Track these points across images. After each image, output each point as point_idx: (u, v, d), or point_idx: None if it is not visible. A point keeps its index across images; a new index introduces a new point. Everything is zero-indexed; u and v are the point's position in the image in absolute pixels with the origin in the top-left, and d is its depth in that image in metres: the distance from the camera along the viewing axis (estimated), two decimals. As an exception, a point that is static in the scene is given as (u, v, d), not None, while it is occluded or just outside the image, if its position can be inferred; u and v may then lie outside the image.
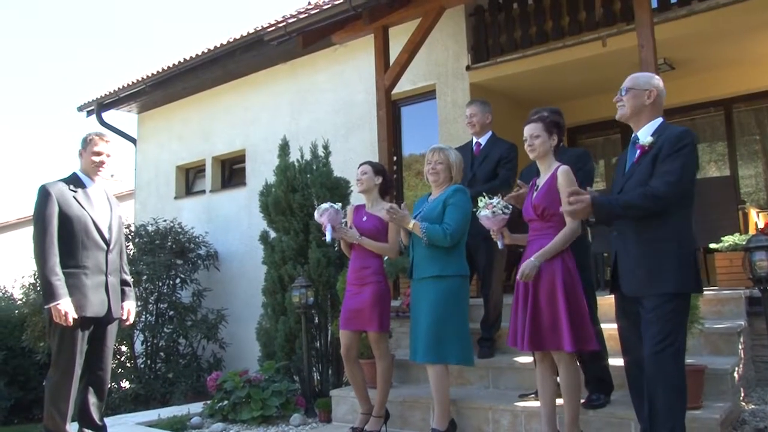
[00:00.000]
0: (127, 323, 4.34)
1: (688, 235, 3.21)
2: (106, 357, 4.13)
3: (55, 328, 3.85)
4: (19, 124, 58.15)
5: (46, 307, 3.79)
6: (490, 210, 3.86)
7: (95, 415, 4.11)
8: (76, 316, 3.84)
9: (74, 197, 4.01)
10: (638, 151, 3.29)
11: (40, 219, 3.90)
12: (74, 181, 4.11)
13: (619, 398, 4.09)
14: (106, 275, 4.06)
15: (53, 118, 59.38)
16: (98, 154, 4.14)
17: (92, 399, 4.08)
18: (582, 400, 3.88)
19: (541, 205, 3.73)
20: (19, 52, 62.56)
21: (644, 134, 3.29)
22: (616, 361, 4.11)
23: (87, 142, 4.18)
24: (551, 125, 3.85)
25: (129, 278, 4.39)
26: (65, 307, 3.77)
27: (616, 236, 3.36)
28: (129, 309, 4.29)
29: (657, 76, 3.47)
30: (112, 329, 4.17)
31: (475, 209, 3.94)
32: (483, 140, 5.37)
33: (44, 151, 55.79)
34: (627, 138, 8.23)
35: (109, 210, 4.20)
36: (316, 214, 4.76)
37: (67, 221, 3.93)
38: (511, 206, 3.94)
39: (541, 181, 3.82)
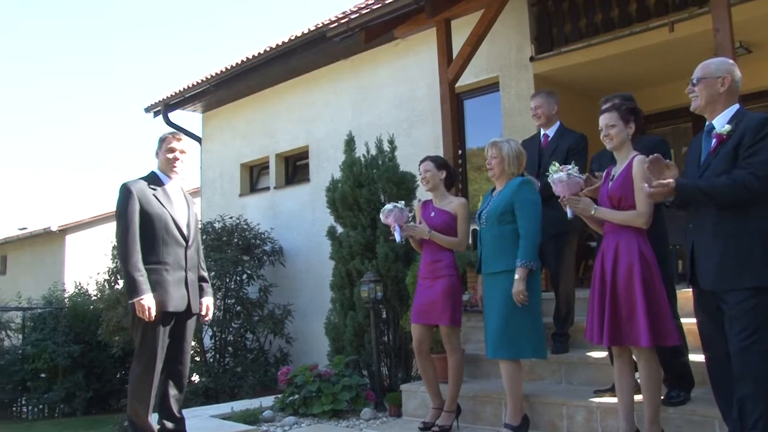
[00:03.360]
0: (206, 318, 4.42)
1: None
2: (186, 351, 4.21)
3: (138, 323, 3.94)
4: (90, 126, 60.35)
5: (129, 302, 3.89)
6: (565, 172, 3.68)
7: (174, 408, 4.20)
8: (155, 312, 3.92)
9: (154, 195, 4.10)
10: (714, 141, 3.16)
11: (122, 217, 4.00)
12: (153, 179, 4.20)
13: (700, 395, 3.96)
14: (186, 271, 4.14)
15: (121, 120, 61.41)
16: (172, 150, 4.24)
17: (172, 391, 4.17)
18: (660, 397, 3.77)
19: (617, 194, 3.64)
20: (98, 56, 64.86)
21: (720, 122, 3.16)
22: (696, 357, 3.99)
23: (162, 141, 4.30)
24: (627, 113, 3.73)
25: (206, 274, 4.46)
26: (148, 302, 3.86)
27: (692, 228, 3.24)
28: (207, 305, 4.37)
29: (730, 61, 3.31)
30: (191, 324, 4.25)
31: (547, 174, 3.80)
32: (551, 132, 5.27)
33: (114, 151, 57.81)
34: (698, 126, 7.94)
35: (187, 207, 4.29)
36: (381, 217, 4.77)
37: (147, 219, 4.02)
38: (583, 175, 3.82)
39: (617, 170, 3.72)
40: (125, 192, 4.05)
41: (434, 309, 4.56)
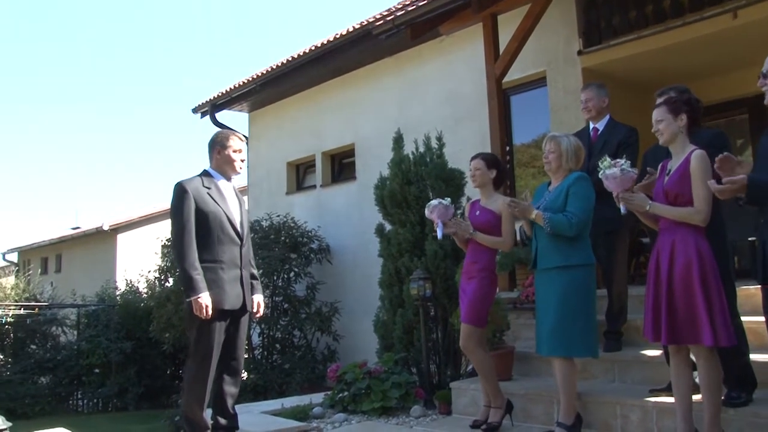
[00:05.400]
0: (258, 315, 4.44)
1: None
2: (240, 348, 4.26)
3: (194, 321, 3.96)
4: (138, 126, 61.80)
5: (186, 300, 3.93)
6: (618, 168, 3.59)
7: (229, 404, 4.24)
8: (211, 310, 3.95)
9: (208, 193, 4.12)
10: None
11: (178, 216, 4.02)
12: (207, 177, 4.23)
13: (763, 397, 3.83)
14: (241, 269, 4.18)
15: (168, 119, 62.73)
16: (239, 151, 4.29)
17: (227, 388, 4.21)
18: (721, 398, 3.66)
19: (673, 190, 3.53)
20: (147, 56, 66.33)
21: None
22: (758, 357, 3.88)
23: (224, 140, 4.27)
24: (678, 105, 3.61)
25: (256, 272, 4.48)
26: (205, 300, 3.89)
27: (765, 224, 3.14)
28: (258, 302, 4.40)
29: None
30: (245, 321, 4.29)
31: (599, 169, 3.72)
32: (600, 125, 5.17)
33: (162, 151, 59.06)
34: (755, 119, 7.72)
35: (239, 205, 4.32)
36: (426, 211, 4.78)
37: (203, 217, 4.04)
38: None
39: (674, 165, 3.62)
40: (180, 191, 4.07)
41: (463, 307, 4.62)
